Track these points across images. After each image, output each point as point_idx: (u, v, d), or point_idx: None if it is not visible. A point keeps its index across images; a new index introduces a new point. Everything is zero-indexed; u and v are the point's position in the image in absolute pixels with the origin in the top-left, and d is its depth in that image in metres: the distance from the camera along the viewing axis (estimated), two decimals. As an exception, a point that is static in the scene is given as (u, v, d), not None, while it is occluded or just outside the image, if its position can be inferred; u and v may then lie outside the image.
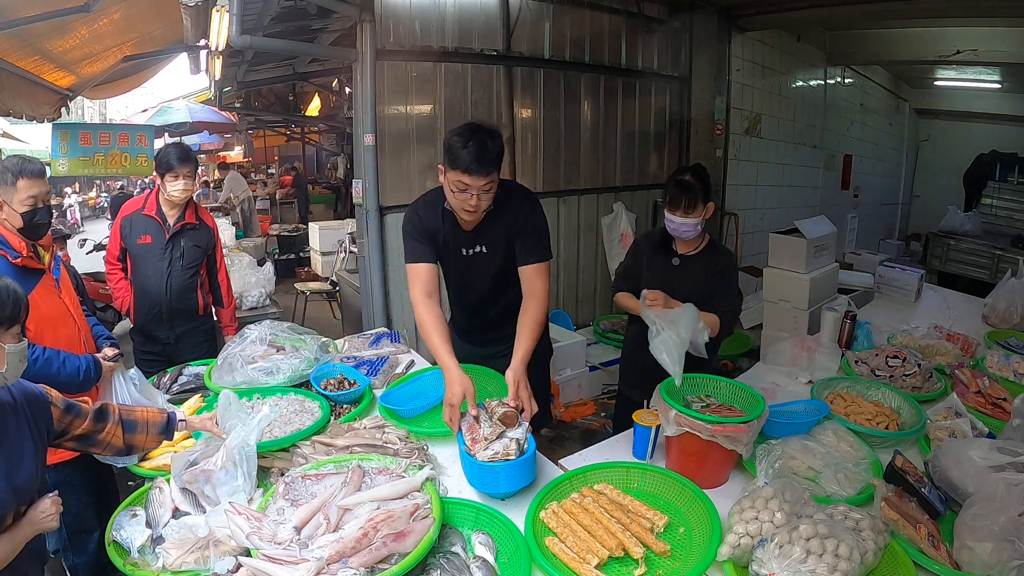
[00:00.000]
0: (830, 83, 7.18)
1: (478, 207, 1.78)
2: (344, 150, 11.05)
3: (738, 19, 5.33)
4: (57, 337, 1.84)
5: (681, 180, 2.08)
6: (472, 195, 1.74)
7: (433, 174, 3.93)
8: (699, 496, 1.43)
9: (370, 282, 3.79)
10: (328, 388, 2.00)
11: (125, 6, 3.90)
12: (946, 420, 1.77)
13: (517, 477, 1.49)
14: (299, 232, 8.28)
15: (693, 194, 2.03)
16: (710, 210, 2.10)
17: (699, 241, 2.18)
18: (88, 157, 6.10)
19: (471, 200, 1.75)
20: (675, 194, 2.06)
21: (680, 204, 2.05)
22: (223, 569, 1.24)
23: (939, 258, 6.23)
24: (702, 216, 2.07)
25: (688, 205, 2.04)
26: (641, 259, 2.28)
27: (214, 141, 12.78)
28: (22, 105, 4.46)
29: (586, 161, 4.85)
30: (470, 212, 1.81)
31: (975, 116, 8.53)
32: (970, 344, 2.46)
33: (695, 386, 1.75)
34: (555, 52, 4.44)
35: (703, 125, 5.42)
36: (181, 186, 2.53)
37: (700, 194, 2.05)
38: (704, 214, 2.08)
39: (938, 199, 8.30)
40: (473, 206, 1.77)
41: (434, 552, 1.26)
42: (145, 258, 2.59)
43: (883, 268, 3.34)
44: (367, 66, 3.51)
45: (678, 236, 2.15)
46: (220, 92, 7.38)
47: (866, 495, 1.44)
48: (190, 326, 2.69)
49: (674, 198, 2.06)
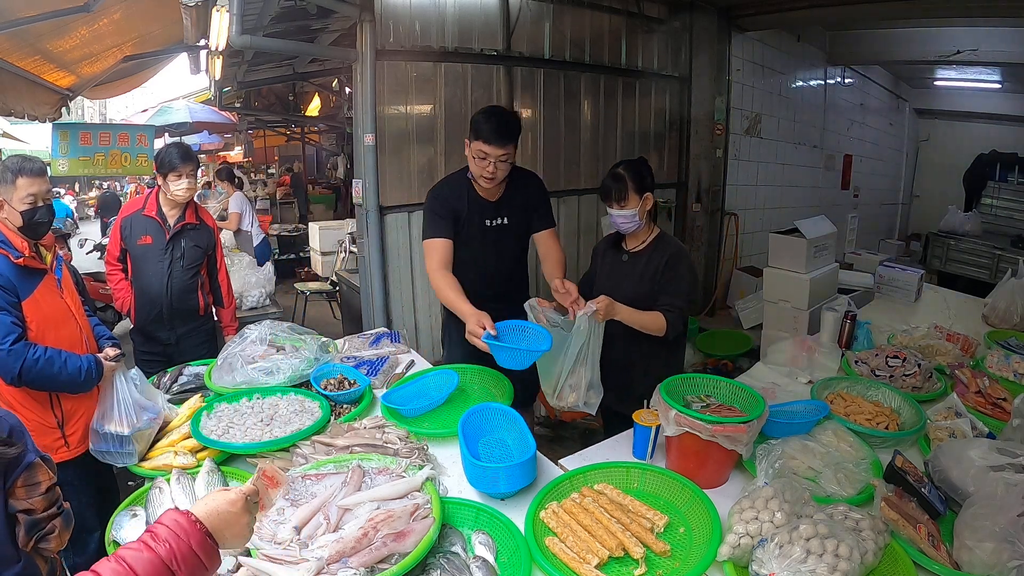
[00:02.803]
0: (830, 83, 7.18)
1: (495, 175, 2.13)
2: (344, 150, 11.05)
3: (738, 19, 5.33)
4: (59, 337, 1.84)
5: (613, 172, 2.05)
6: (490, 163, 2.09)
7: (433, 174, 3.94)
8: (699, 496, 1.43)
9: (370, 282, 3.79)
10: (328, 388, 2.00)
11: (125, 6, 3.90)
12: (946, 420, 1.77)
13: (517, 477, 1.49)
14: (299, 232, 8.28)
15: (622, 185, 2.00)
16: (648, 202, 2.05)
17: (647, 235, 2.13)
18: (88, 157, 6.11)
19: (489, 168, 2.11)
20: (606, 186, 2.05)
21: (611, 195, 2.03)
22: (223, 569, 1.24)
23: (939, 258, 6.23)
24: (638, 207, 2.02)
25: (619, 196, 2.01)
26: (597, 261, 2.27)
27: (214, 141, 12.79)
28: (22, 105, 4.46)
29: (586, 161, 4.85)
30: (488, 180, 2.15)
31: (975, 116, 8.53)
32: (970, 344, 2.46)
33: (695, 386, 1.75)
34: (555, 52, 4.44)
35: (703, 125, 5.43)
36: (184, 185, 2.53)
37: (630, 185, 2.00)
38: (642, 205, 2.03)
39: (938, 199, 8.30)
40: (491, 173, 2.12)
41: (434, 552, 1.26)
42: (145, 258, 2.59)
43: (883, 268, 3.34)
44: (367, 66, 3.52)
45: (619, 229, 2.12)
46: (220, 92, 7.38)
47: (866, 495, 1.44)
48: (191, 326, 2.69)
49: (605, 190, 2.05)
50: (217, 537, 0.83)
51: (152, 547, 0.77)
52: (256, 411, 1.86)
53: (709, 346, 4.34)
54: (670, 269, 2.04)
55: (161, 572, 0.75)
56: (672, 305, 2.00)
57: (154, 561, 0.75)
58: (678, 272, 2.04)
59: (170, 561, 0.76)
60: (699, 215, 5.56)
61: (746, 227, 5.90)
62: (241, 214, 5.58)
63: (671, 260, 2.05)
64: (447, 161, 3.99)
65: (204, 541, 0.80)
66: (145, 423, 1.77)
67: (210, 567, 0.81)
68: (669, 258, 2.05)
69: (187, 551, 0.78)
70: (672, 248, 2.09)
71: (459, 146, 4.00)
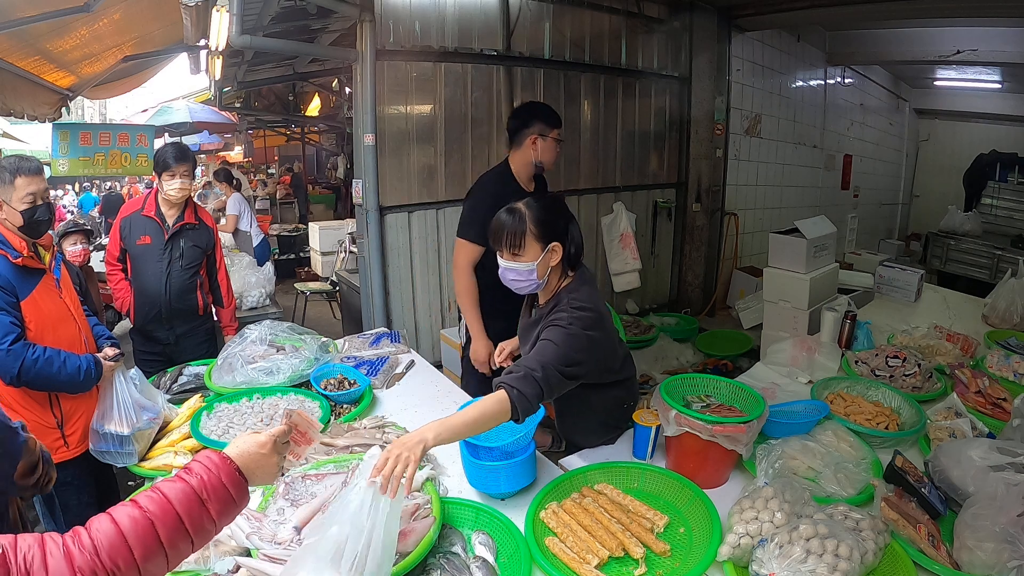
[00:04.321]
0: (830, 83, 7.17)
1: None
2: (344, 150, 11.05)
3: (738, 19, 5.32)
4: (57, 337, 1.84)
5: (510, 206, 1.58)
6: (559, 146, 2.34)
7: (433, 174, 3.94)
8: (699, 496, 1.43)
9: (370, 282, 3.79)
10: (328, 388, 2.00)
11: (125, 6, 3.90)
12: (946, 420, 1.77)
13: (517, 477, 1.49)
14: (299, 232, 8.28)
15: (517, 225, 1.54)
16: (554, 255, 1.58)
17: (557, 286, 1.66)
18: (88, 157, 6.11)
19: (558, 150, 2.36)
20: (497, 222, 1.58)
21: (501, 237, 1.57)
22: (223, 569, 1.24)
23: (939, 258, 6.23)
24: (537, 260, 1.56)
25: (511, 240, 1.55)
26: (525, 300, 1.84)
27: (214, 141, 12.78)
28: (22, 105, 4.46)
29: (586, 161, 4.84)
30: (553, 165, 2.39)
31: (975, 116, 8.53)
32: (970, 344, 2.46)
33: (695, 386, 1.75)
34: (555, 52, 4.44)
35: (703, 125, 5.43)
36: (178, 185, 2.53)
37: (530, 229, 1.54)
38: (544, 260, 1.57)
39: (938, 199, 8.29)
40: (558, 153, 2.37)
41: (434, 552, 1.26)
42: (144, 258, 2.59)
43: (883, 268, 3.34)
44: (367, 66, 3.51)
45: (508, 286, 1.64)
46: (220, 92, 7.37)
47: (866, 495, 1.44)
48: (190, 326, 2.69)
49: (494, 229, 1.58)
50: (247, 474, 0.89)
51: (184, 478, 0.84)
52: (256, 411, 1.87)
53: (709, 346, 4.34)
54: (549, 325, 1.54)
55: (192, 500, 0.81)
56: (521, 367, 1.43)
57: (186, 490, 0.81)
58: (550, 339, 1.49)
59: (201, 491, 0.82)
60: (699, 215, 5.56)
61: (746, 227, 5.90)
62: (239, 216, 5.57)
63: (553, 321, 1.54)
64: (447, 161, 3.99)
65: (233, 475, 0.86)
66: (145, 423, 1.77)
67: (239, 501, 0.87)
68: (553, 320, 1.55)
69: (217, 483, 0.84)
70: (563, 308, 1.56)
71: (459, 146, 4.03)
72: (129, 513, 0.78)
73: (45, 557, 0.72)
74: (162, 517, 0.78)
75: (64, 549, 0.74)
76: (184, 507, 0.81)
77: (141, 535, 0.76)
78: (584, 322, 1.52)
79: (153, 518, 0.78)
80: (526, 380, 1.40)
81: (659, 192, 5.43)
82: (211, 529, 0.85)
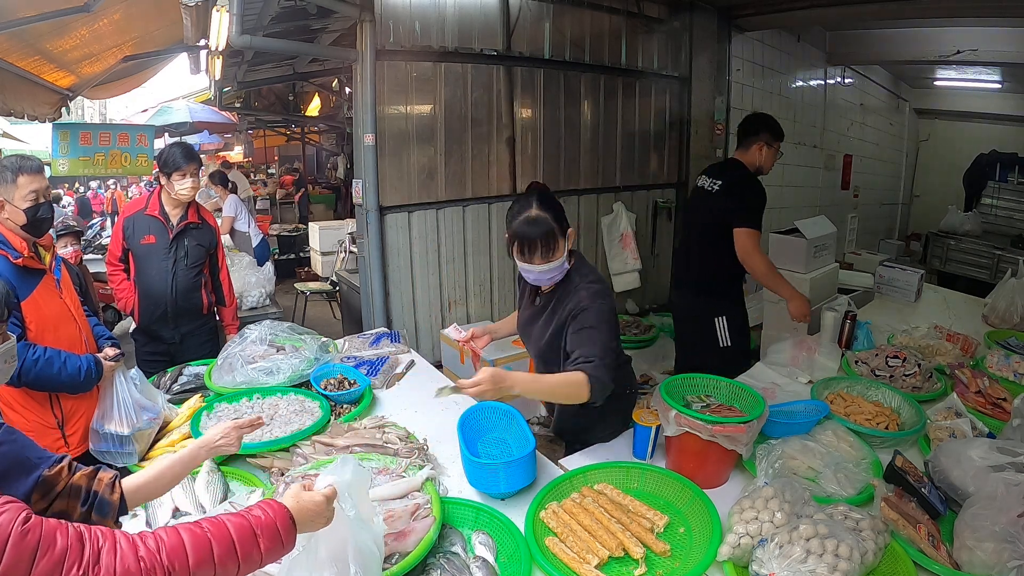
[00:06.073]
0: (830, 83, 7.17)
1: None
2: (344, 150, 11.05)
3: (738, 19, 5.32)
4: (58, 337, 1.84)
5: (528, 216, 1.61)
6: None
7: (433, 174, 3.94)
8: (699, 496, 1.43)
9: (370, 282, 3.79)
10: (328, 388, 2.00)
11: (125, 6, 3.90)
12: (946, 420, 1.77)
13: (517, 477, 1.49)
14: (299, 232, 8.28)
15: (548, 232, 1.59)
16: (571, 239, 1.68)
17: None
18: (88, 157, 6.11)
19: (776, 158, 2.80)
20: (524, 236, 1.61)
21: (535, 249, 1.60)
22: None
23: (939, 258, 6.23)
24: (565, 254, 1.65)
25: (546, 249, 1.60)
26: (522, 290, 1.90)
27: (214, 141, 12.79)
28: (22, 105, 4.46)
29: (586, 161, 4.85)
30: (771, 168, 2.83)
31: (975, 116, 8.52)
32: (970, 344, 2.46)
33: (695, 386, 1.75)
34: (555, 52, 4.44)
35: (703, 125, 5.42)
36: (189, 184, 2.54)
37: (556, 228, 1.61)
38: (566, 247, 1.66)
39: (938, 199, 8.29)
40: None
41: (434, 552, 1.26)
42: (149, 258, 2.59)
43: (883, 268, 3.34)
44: (367, 66, 3.51)
45: (539, 285, 1.73)
46: (220, 92, 7.37)
47: (866, 495, 1.44)
48: (194, 325, 2.70)
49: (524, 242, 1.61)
50: (298, 523, 1.00)
51: (243, 514, 0.97)
52: (256, 411, 1.87)
53: (709, 346, 4.34)
54: (575, 321, 1.63)
55: (246, 531, 0.94)
56: (590, 357, 1.54)
57: (242, 523, 0.95)
58: (587, 321, 1.61)
59: (256, 526, 0.95)
60: (699, 215, 5.56)
61: (746, 227, 5.89)
62: (235, 217, 5.55)
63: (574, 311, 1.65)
64: (447, 161, 3.99)
65: (286, 521, 0.98)
66: (145, 423, 1.77)
67: (286, 543, 0.98)
68: (572, 309, 1.65)
69: (271, 523, 0.96)
70: (578, 293, 1.66)
71: (459, 146, 4.03)
72: (191, 527, 0.92)
73: (115, 544, 0.84)
74: (219, 537, 0.91)
75: (131, 541, 0.85)
76: (239, 535, 0.93)
77: (198, 546, 0.89)
78: (602, 295, 1.67)
79: (211, 536, 0.91)
80: (598, 367, 1.53)
81: (659, 192, 5.43)
82: (258, 560, 0.96)
